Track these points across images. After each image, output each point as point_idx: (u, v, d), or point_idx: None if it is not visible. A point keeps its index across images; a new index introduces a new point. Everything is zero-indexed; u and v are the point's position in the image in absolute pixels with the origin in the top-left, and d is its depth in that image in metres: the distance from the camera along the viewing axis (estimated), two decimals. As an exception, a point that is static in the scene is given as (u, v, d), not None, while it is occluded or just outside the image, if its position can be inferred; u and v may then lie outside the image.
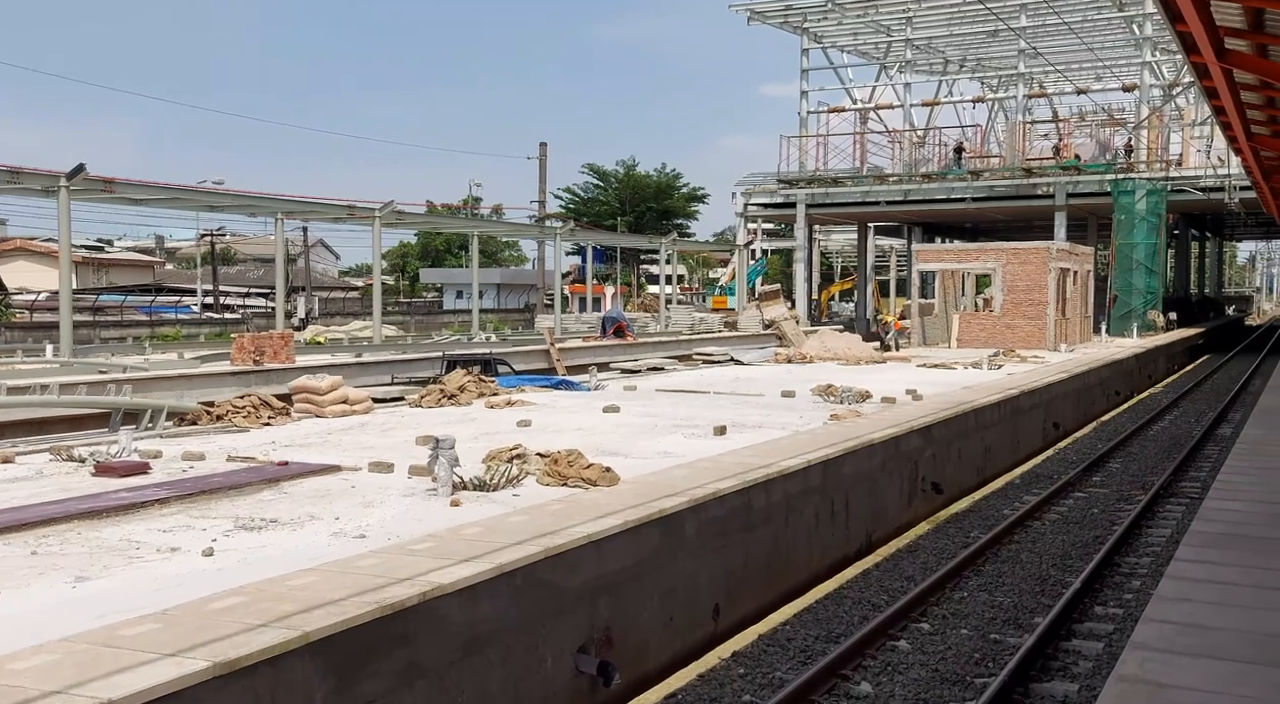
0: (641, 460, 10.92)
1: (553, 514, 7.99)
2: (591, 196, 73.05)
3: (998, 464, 19.51)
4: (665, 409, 15.68)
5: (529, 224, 42.61)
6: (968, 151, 51.73)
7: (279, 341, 23.41)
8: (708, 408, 15.95)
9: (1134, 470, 18.48)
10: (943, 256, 33.28)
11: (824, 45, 53.12)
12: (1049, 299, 31.29)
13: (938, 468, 16.50)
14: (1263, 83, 16.87)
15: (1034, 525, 14.15)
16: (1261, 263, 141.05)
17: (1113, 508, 15.31)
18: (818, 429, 13.45)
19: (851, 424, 14.05)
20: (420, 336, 36.61)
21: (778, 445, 12.05)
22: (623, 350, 35.01)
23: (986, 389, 19.47)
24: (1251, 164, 25.32)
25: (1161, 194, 43.95)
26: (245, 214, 27.77)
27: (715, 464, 10.53)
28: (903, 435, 14.15)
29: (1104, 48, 52.14)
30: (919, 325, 33.48)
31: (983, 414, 17.91)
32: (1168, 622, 5.65)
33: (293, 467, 9.51)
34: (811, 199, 50.29)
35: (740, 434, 13.11)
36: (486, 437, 12.33)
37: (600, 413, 14.93)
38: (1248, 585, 6.40)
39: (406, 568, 6.24)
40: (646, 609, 9.18)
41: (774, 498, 10.83)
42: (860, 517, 13.59)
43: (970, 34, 51.32)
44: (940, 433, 15.98)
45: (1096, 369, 26.61)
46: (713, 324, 44.39)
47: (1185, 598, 6.14)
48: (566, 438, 12.47)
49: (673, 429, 13.48)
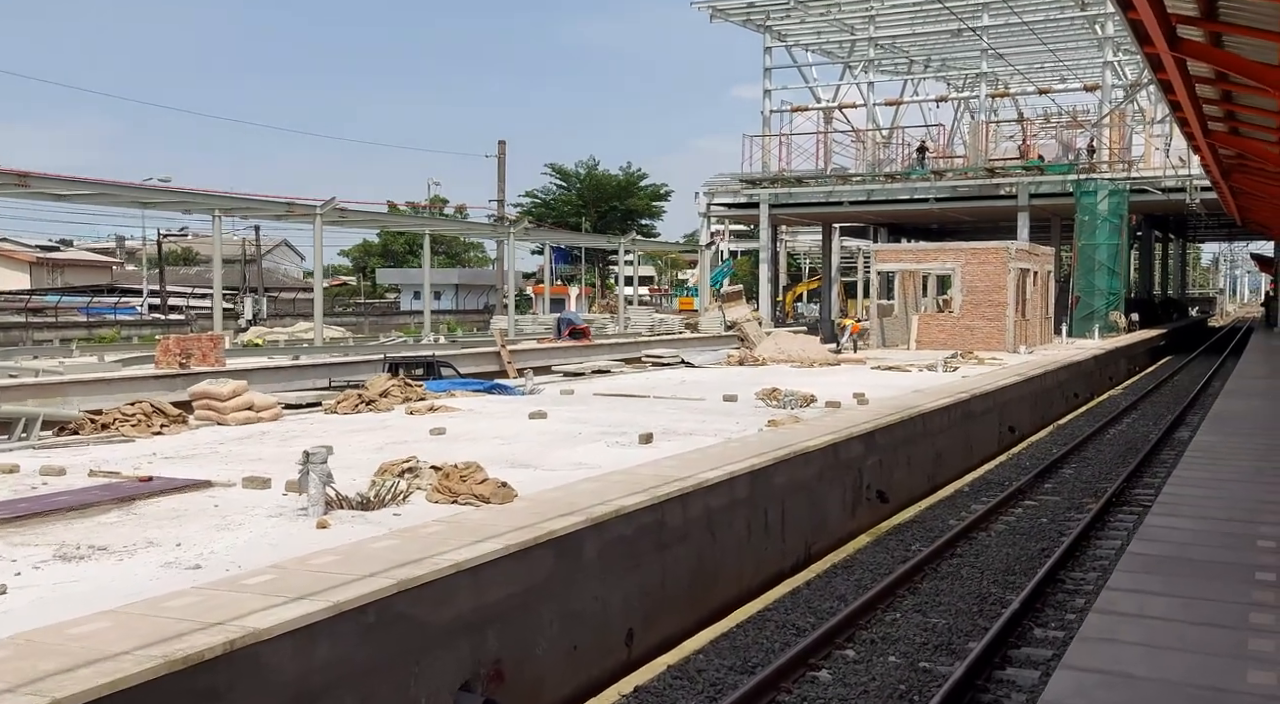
0: (551, 473, 10.10)
1: (426, 538, 7.16)
2: (554, 197, 72.12)
3: (950, 470, 18.84)
4: (597, 415, 14.87)
5: (484, 223, 41.71)
6: (932, 152, 51.23)
7: (208, 344, 22.41)
8: (642, 413, 15.16)
9: (1087, 476, 17.84)
10: (901, 257, 32.65)
11: (788, 44, 52.47)
12: (1008, 300, 30.72)
13: (883, 475, 15.79)
14: (1218, 74, 16.27)
15: (979, 537, 13.44)
16: (1224, 265, 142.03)
17: (1062, 517, 14.63)
18: (751, 436, 12.69)
19: (788, 431, 13.29)
20: (369, 338, 35.62)
21: (705, 455, 11.27)
22: (578, 352, 34.16)
23: (937, 393, 18.79)
24: (1210, 162, 24.81)
25: (1123, 194, 43.58)
26: (180, 210, 26.71)
27: (629, 477, 9.72)
28: (842, 442, 13.41)
29: (1066, 48, 51.82)
30: (878, 327, 32.85)
31: (931, 419, 17.21)
32: (1088, 670, 4.89)
33: (156, 483, 8.63)
34: (775, 199, 49.60)
35: (669, 442, 12.32)
36: (393, 446, 11.47)
37: (526, 419, 14.10)
38: (1185, 621, 5.66)
39: (225, 609, 5.38)
40: (545, 638, 8.36)
41: (694, 512, 10.04)
42: (798, 528, 12.84)
43: (933, 33, 50.83)
44: (884, 439, 15.26)
45: (1054, 371, 26.04)
46: (673, 326, 43.62)
47: (1112, 637, 5.38)
48: (481, 447, 11.64)
49: (598, 436, 12.67)
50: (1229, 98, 18.30)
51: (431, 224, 32.59)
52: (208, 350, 22.33)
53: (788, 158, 50.43)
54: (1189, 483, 9.90)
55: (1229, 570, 6.75)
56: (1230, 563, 6.93)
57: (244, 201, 26.93)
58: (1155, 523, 8.17)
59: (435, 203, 61.46)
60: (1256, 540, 7.67)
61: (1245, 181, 28.25)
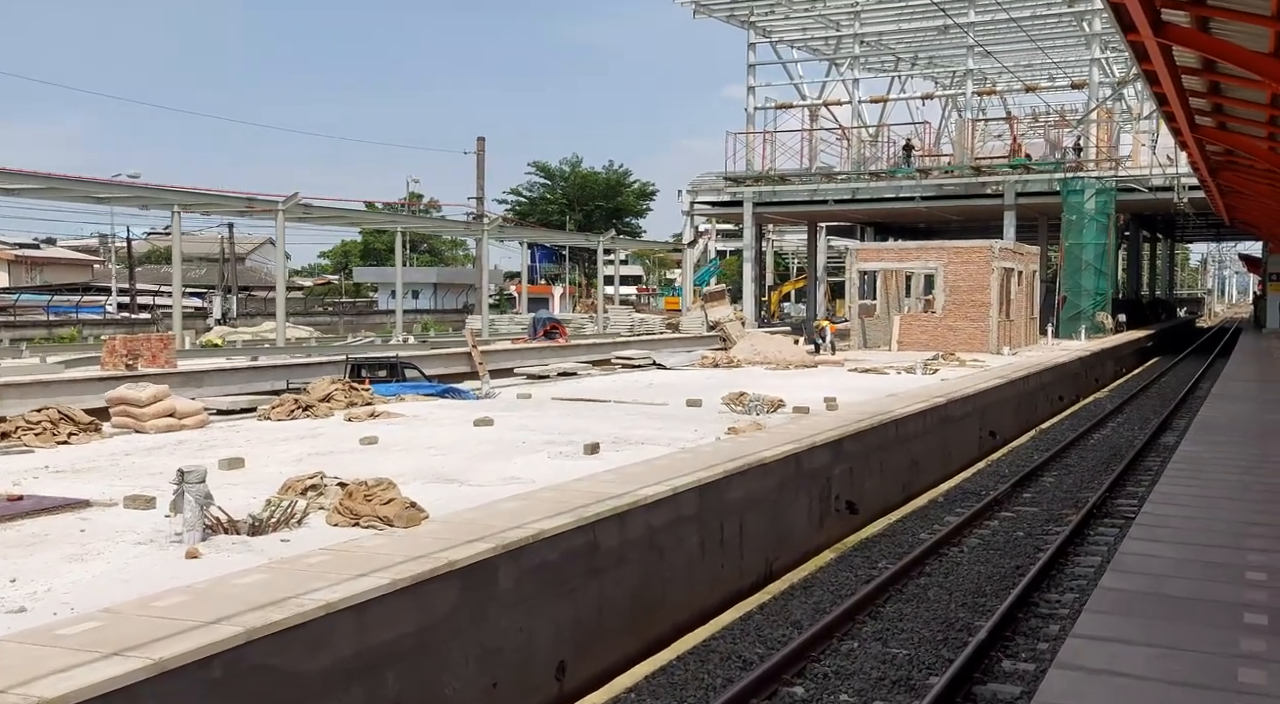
0: (478, 488, 9.22)
1: (303, 572, 6.27)
2: (538, 196, 71.10)
3: (926, 477, 18.00)
4: (549, 421, 14.00)
5: (457, 220, 40.73)
6: (919, 150, 50.42)
7: (157, 344, 21.49)
8: (597, 420, 14.28)
9: (1069, 485, 17.01)
10: (883, 256, 31.80)
11: (772, 40, 51.58)
12: (992, 300, 29.90)
13: (854, 485, 14.94)
14: (1205, 63, 15.43)
15: (951, 553, 12.59)
16: (1213, 265, 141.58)
17: (1040, 530, 13.79)
18: (705, 446, 11.82)
19: (747, 440, 12.43)
20: (337, 338, 34.66)
21: (651, 467, 10.39)
22: (553, 353, 33.25)
23: (913, 397, 17.94)
24: (1197, 159, 24.00)
25: (1110, 193, 42.82)
26: (136, 206, 25.73)
27: (559, 495, 8.85)
28: (804, 452, 12.55)
29: (1054, 45, 51.02)
30: (859, 327, 32.00)
31: (905, 425, 16.36)
32: (1043, 751, 4.02)
33: (26, 502, 7.73)
34: (759, 197, 48.73)
35: (617, 453, 11.44)
36: (314, 458, 10.57)
37: (471, 426, 13.21)
38: (1162, 680, 4.79)
39: (13, 672, 4.49)
40: (457, 677, 7.48)
41: (633, 532, 9.17)
42: (758, 544, 11.99)
43: (920, 30, 49.98)
44: (853, 447, 14.41)
45: (1037, 373, 25.22)
46: (654, 326, 42.73)
47: (1076, 701, 4.52)
48: (412, 458, 10.76)
49: (543, 446, 11.79)
50: (1217, 90, 17.46)
51: (402, 221, 31.67)
52: (157, 351, 21.40)
53: (772, 156, 49.58)
54: (1171, 500, 9.05)
55: (1213, 611, 5.89)
56: (1214, 601, 6.07)
57: (202, 197, 25.98)
58: (1132, 549, 7.31)
59: (413, 200, 60.39)
60: (1244, 571, 6.82)
61: (1233, 179, 27.46)
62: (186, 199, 25.58)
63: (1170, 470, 10.64)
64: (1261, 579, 6.60)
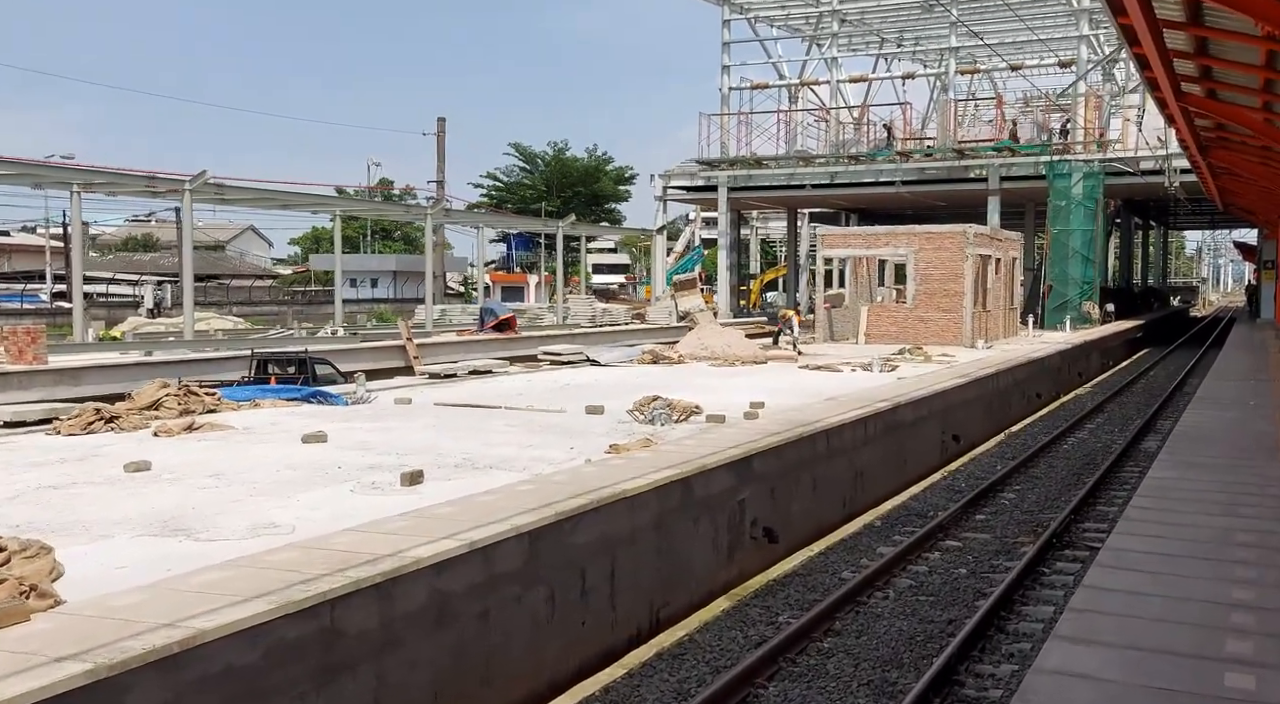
0: (210, 544, 6.87)
1: None
2: (516, 181, 68.50)
3: (875, 489, 15.67)
4: (400, 437, 11.65)
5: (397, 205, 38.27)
6: (903, 133, 47.91)
7: (24, 338, 19.13)
8: (462, 434, 11.94)
9: (1031, 503, 14.66)
10: (850, 242, 29.36)
11: (748, 17, 48.98)
12: (965, 289, 27.49)
13: (774, 508, 12.61)
14: (1191, 14, 13.02)
15: (873, 600, 10.24)
16: (1208, 253, 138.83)
17: (987, 566, 11.45)
18: (561, 475, 9.47)
19: (621, 463, 10.08)
20: (270, 329, 32.24)
21: (469, 507, 8.04)
22: (500, 346, 30.93)
23: (856, 401, 15.57)
24: (1185, 135, 21.55)
25: (1098, 177, 40.38)
26: (29, 185, 23.34)
27: (296, 559, 6.49)
28: (696, 476, 10.21)
29: (1041, 23, 48.42)
30: (825, 319, 29.61)
31: (840, 435, 14.01)
32: None
33: None
34: (734, 182, 46.28)
35: (447, 482, 9.10)
36: (43, 492, 8.24)
37: (298, 444, 10.87)
38: None
39: None
40: None
41: (409, 604, 6.81)
42: (636, 591, 9.66)
43: (902, 6, 47.37)
44: (768, 465, 12.06)
45: (1009, 370, 22.84)
46: (619, 316, 40.39)
47: None
48: (172, 493, 8.43)
49: (360, 473, 9.44)
50: (1204, 49, 15.00)
51: (339, 203, 29.27)
52: (25, 345, 19.07)
53: (748, 138, 47.08)
54: (1123, 565, 6.68)
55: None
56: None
57: (100, 175, 23.61)
58: (1050, 670, 4.93)
59: (382, 185, 57.93)
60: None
61: (1226, 158, 25.00)
62: (82, 177, 23.23)
63: (1132, 510, 8.25)
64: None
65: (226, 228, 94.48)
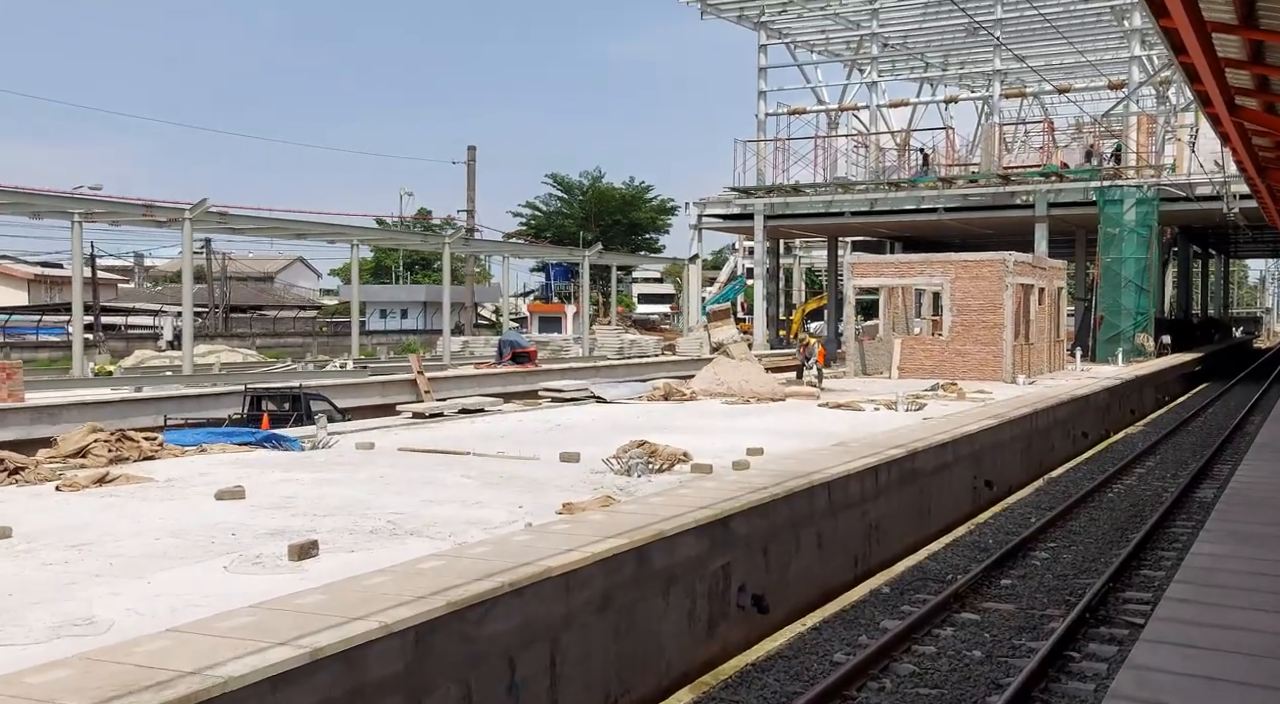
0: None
1: None
2: (554, 210, 67.52)
3: (892, 545, 14.03)
4: (336, 490, 10.30)
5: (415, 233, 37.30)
6: (947, 160, 46.05)
7: (1, 374, 18.19)
8: (406, 487, 10.56)
9: (1065, 564, 12.91)
10: (882, 270, 27.67)
11: (787, 41, 47.59)
12: (1005, 321, 25.65)
13: (768, 572, 11.08)
14: (1242, 15, 11.37)
15: (865, 693, 8.64)
16: (1272, 282, 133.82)
17: (1007, 646, 9.78)
18: (484, 546, 8.02)
19: (566, 528, 8.61)
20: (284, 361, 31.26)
21: (343, 595, 6.59)
22: (520, 379, 29.67)
23: (866, 447, 13.94)
24: (1242, 154, 19.68)
25: (1152, 203, 38.19)
26: (27, 214, 22.57)
27: (75, 676, 5.11)
28: (653, 543, 8.70)
29: (1091, 44, 46.44)
30: (856, 352, 27.91)
31: (845, 487, 12.41)
32: None
33: None
34: (770, 209, 44.75)
35: (350, 555, 7.70)
36: None
37: (212, 500, 9.56)
38: None
39: None
40: None
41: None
42: (586, 679, 8.18)
43: (945, 28, 45.69)
44: (753, 525, 10.52)
45: (1050, 408, 20.99)
46: (647, 348, 38.98)
47: None
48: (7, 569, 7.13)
49: (259, 539, 8.07)
50: (1260, 56, 13.29)
51: (356, 233, 28.30)
52: (0, 381, 18.12)
53: (785, 165, 45.56)
54: (1148, 685, 5.04)
55: None
56: None
57: (101, 204, 22.82)
58: None
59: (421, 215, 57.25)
60: None
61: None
62: (81, 206, 22.43)
63: (1166, 605, 6.57)
64: None
65: (275, 259, 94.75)
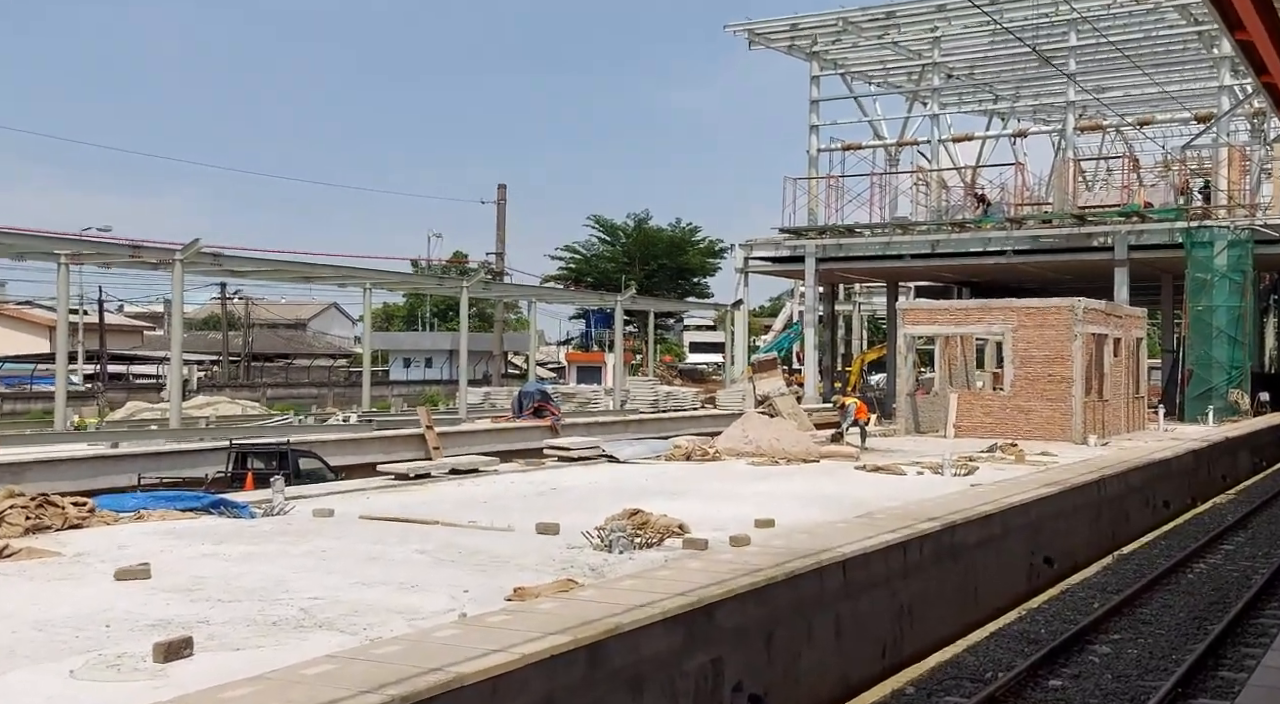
0: None
1: None
2: (596, 253, 67.18)
3: (930, 631, 12.89)
4: (261, 568, 9.49)
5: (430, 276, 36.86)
6: (1017, 198, 44.72)
7: (-42, 426, 17.75)
8: (348, 566, 9.72)
9: (1128, 661, 11.63)
10: (936, 317, 26.50)
11: (841, 72, 46.89)
12: (1074, 375, 24.30)
13: (771, 666, 10.06)
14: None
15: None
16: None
17: (1045, 772, 8.58)
18: (395, 645, 7.10)
19: (505, 621, 7.67)
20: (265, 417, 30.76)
21: None
22: (542, 434, 28.82)
23: (896, 519, 12.82)
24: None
25: (1246, 246, 36.53)
26: (10, 257, 22.40)
27: None
28: (611, 639, 7.72)
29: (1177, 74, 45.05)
30: (908, 407, 26.69)
31: (867, 565, 11.32)
32: None
33: None
34: (822, 252, 43.74)
35: (235, 653, 6.85)
36: None
37: (111, 580, 8.78)
38: None
39: None
40: None
41: None
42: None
43: (1014, 56, 44.61)
44: (747, 613, 9.49)
45: (1123, 473, 19.60)
46: (684, 400, 38.01)
47: None
48: None
49: (135, 633, 7.26)
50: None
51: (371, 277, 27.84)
52: (-42, 436, 17.69)
53: (839, 204, 44.56)
54: None
55: None
56: None
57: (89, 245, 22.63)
58: None
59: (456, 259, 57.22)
60: None
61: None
62: (68, 247, 22.22)
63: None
64: None
65: (309, 305, 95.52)
